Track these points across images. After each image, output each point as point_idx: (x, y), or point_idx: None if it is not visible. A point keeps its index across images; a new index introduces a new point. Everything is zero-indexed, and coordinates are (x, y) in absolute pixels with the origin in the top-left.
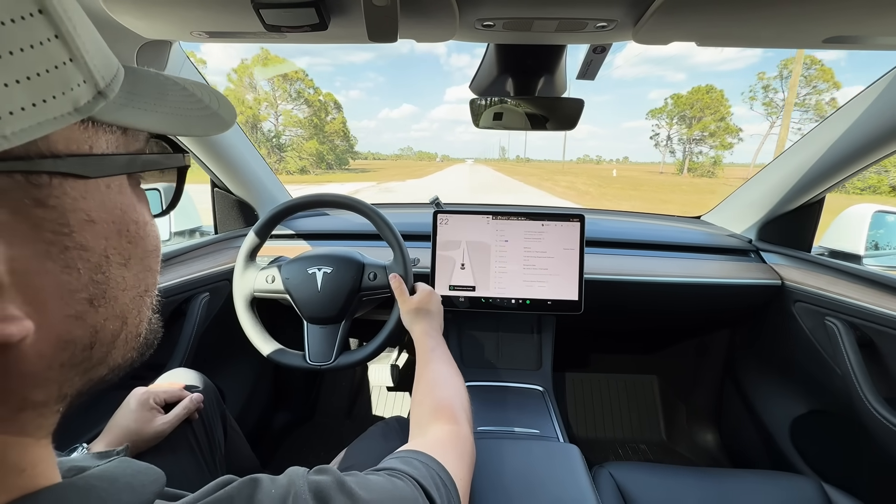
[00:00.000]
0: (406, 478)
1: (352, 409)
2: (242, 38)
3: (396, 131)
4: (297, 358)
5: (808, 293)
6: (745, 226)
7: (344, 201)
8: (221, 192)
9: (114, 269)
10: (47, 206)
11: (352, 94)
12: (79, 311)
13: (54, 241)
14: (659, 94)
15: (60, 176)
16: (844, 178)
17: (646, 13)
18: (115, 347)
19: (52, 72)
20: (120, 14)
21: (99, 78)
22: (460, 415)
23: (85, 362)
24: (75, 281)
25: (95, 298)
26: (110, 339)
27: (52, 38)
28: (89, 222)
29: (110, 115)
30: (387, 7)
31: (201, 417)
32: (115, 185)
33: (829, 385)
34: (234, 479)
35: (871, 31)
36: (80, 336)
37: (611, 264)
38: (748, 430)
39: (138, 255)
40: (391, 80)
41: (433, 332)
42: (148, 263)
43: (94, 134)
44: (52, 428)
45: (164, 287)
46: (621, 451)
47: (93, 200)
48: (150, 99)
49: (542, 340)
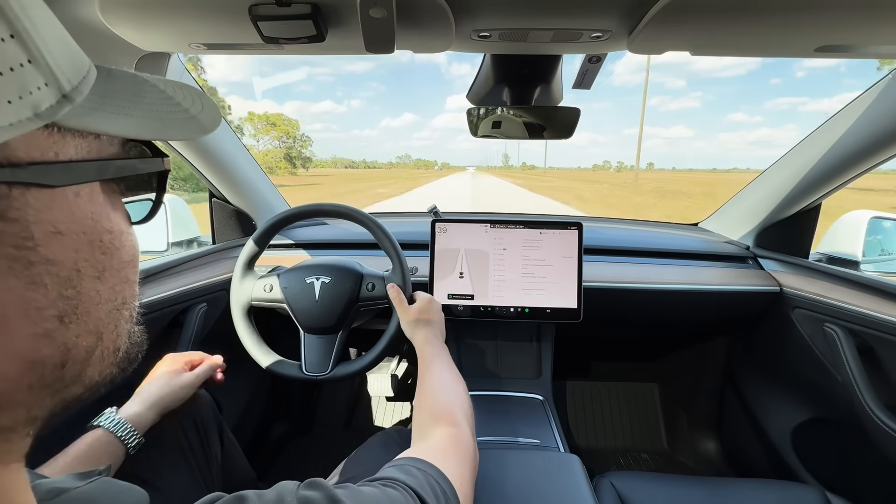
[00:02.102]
0: (402, 487)
1: (350, 420)
2: (240, 50)
3: (398, 140)
4: (294, 368)
5: (807, 299)
6: (742, 232)
7: (342, 211)
8: (219, 202)
9: (86, 283)
10: (7, 218)
11: (353, 104)
12: (47, 329)
13: (17, 256)
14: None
15: (21, 186)
16: (841, 184)
17: (640, 23)
18: (91, 364)
19: (6, 74)
20: (118, 27)
21: (64, 80)
22: (461, 419)
23: (56, 383)
24: (42, 297)
25: (66, 315)
26: (84, 356)
27: (7, 38)
28: (56, 234)
29: (78, 120)
30: (384, 19)
31: (197, 429)
32: (86, 193)
33: (829, 392)
34: (222, 496)
35: (861, 41)
36: (49, 355)
37: (609, 272)
38: (750, 437)
39: (114, 267)
40: (392, 90)
41: (434, 340)
42: (125, 275)
43: (60, 140)
44: (22, 452)
45: (161, 298)
46: (622, 461)
47: (60, 211)
48: (125, 101)
49: (542, 349)
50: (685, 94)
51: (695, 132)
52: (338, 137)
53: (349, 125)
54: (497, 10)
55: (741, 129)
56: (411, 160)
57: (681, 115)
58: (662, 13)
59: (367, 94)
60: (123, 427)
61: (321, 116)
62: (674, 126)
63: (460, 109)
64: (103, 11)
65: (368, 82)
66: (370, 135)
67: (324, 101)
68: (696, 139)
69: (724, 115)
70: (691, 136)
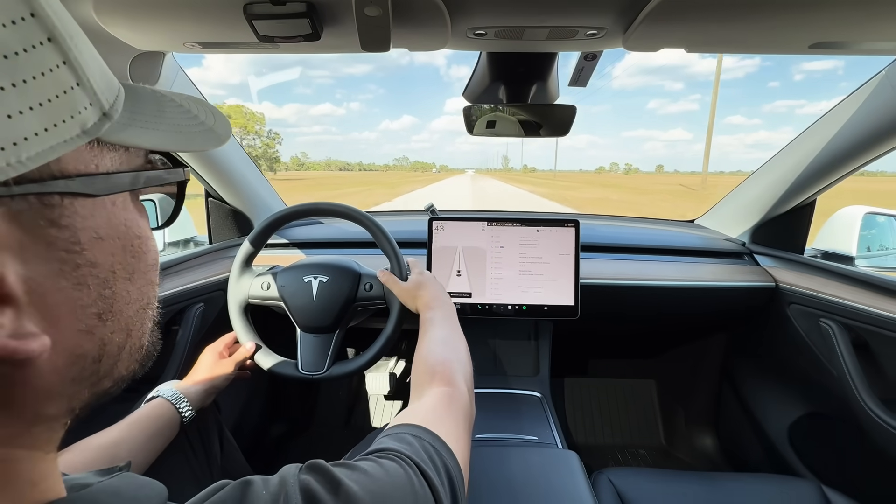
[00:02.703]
0: (398, 457)
1: (349, 419)
2: (235, 49)
3: (397, 142)
4: (290, 367)
5: (803, 295)
6: (738, 229)
7: (340, 210)
8: (216, 202)
9: (119, 284)
10: (60, 225)
11: (353, 106)
12: (89, 326)
13: (67, 259)
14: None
15: (71, 196)
16: (836, 180)
17: (635, 21)
18: (121, 359)
19: (61, 97)
20: (113, 26)
21: (104, 100)
22: (456, 376)
23: (93, 376)
24: (86, 297)
25: (104, 313)
26: (116, 351)
27: (61, 65)
28: (98, 239)
29: (115, 135)
30: (379, 17)
31: (198, 430)
32: (120, 201)
33: (825, 386)
34: (229, 482)
35: (854, 37)
36: (89, 350)
37: (606, 269)
38: (747, 433)
39: (141, 269)
40: (392, 92)
41: (434, 302)
42: (150, 277)
43: (99, 153)
44: (59, 442)
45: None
46: (620, 457)
47: (100, 218)
48: (150, 117)
49: (540, 346)
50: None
51: (693, 135)
52: (337, 140)
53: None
54: (492, 8)
55: (739, 131)
56: (409, 162)
57: (680, 117)
58: (657, 10)
59: (367, 96)
60: (179, 399)
61: (320, 119)
62: (672, 129)
63: (459, 112)
64: (98, 11)
65: (367, 84)
66: (369, 137)
67: (323, 104)
68: (695, 142)
69: (722, 117)
70: (690, 138)
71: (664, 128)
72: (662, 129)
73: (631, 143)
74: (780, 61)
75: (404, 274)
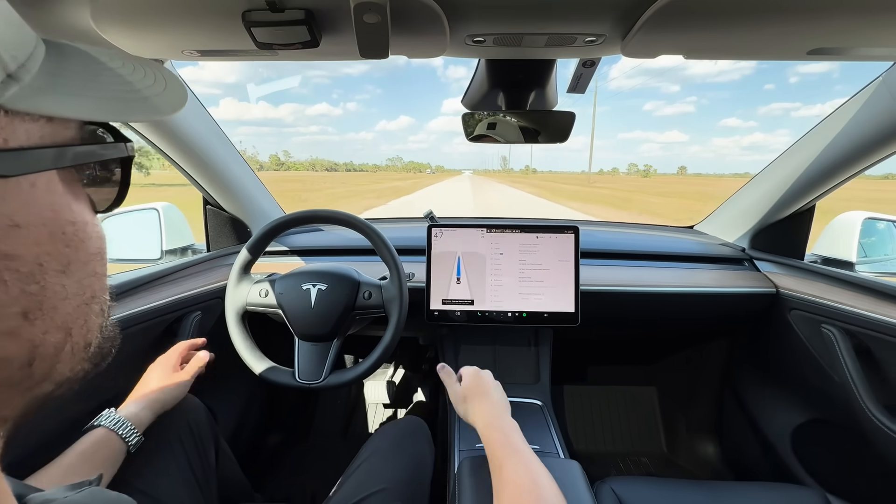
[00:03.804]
0: None
1: (348, 429)
2: (234, 57)
3: (394, 143)
4: (286, 375)
5: (804, 301)
6: (737, 235)
7: (338, 217)
8: (214, 210)
9: (50, 277)
10: None
11: (349, 107)
12: (11, 327)
13: None
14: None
15: None
16: (835, 186)
17: (633, 27)
18: (61, 361)
19: None
20: (110, 34)
21: (8, 58)
22: None
23: (25, 381)
24: (2, 294)
25: (30, 311)
26: (53, 352)
27: None
28: (13, 227)
29: (27, 102)
30: (378, 24)
31: (193, 439)
32: (43, 182)
33: (828, 393)
34: None
35: (852, 43)
36: (15, 353)
37: (606, 275)
38: (749, 440)
39: (80, 260)
40: (389, 92)
41: (497, 422)
42: (92, 268)
43: (8, 124)
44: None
45: (155, 306)
46: (622, 465)
47: (15, 202)
48: (79, 81)
49: (540, 353)
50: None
51: (689, 137)
52: (333, 140)
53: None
54: (491, 15)
55: (735, 133)
56: (403, 162)
57: (676, 119)
58: (656, 17)
59: (364, 96)
60: (123, 425)
61: (317, 119)
62: (668, 131)
63: (456, 112)
64: (95, 19)
65: (364, 85)
66: (366, 138)
67: (319, 104)
68: (691, 144)
69: (718, 119)
70: (685, 140)
71: (661, 129)
72: (659, 132)
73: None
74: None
75: (404, 282)
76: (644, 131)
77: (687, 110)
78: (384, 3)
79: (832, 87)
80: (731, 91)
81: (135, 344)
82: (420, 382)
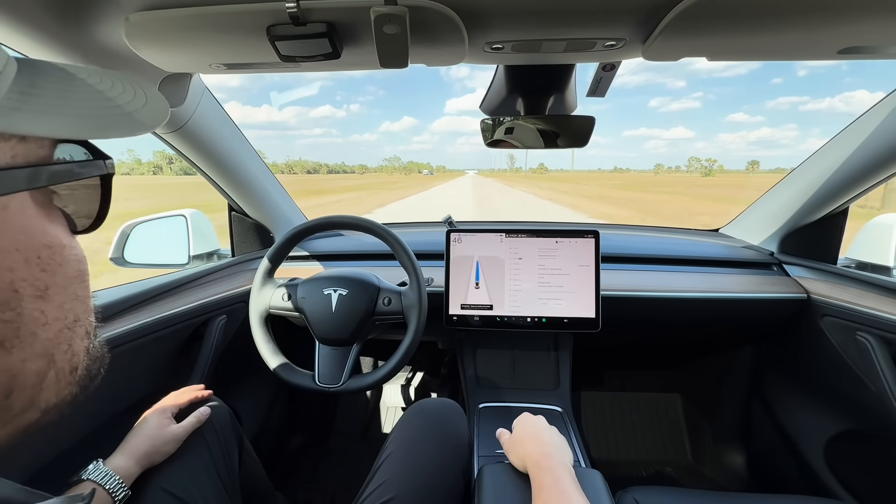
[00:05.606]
0: None
1: (367, 431)
2: (258, 69)
3: (397, 144)
4: (306, 378)
5: (837, 307)
6: (764, 237)
7: (358, 223)
8: (238, 216)
9: (27, 304)
10: None
11: (353, 108)
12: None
13: None
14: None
15: None
16: (870, 187)
17: (654, 31)
18: (45, 388)
19: None
20: (143, 50)
21: None
22: None
23: (3, 413)
24: None
25: (6, 340)
26: (35, 380)
27: None
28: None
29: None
30: (397, 34)
31: (219, 440)
32: (15, 205)
33: (863, 403)
34: None
35: (886, 41)
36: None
37: (628, 280)
38: (779, 451)
39: (58, 284)
40: (392, 93)
41: (544, 460)
42: (72, 291)
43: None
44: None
45: (182, 311)
46: (645, 474)
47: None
48: (53, 98)
49: (560, 359)
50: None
51: (695, 133)
52: (337, 142)
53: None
54: (509, 23)
55: (742, 129)
56: (402, 163)
57: (681, 115)
58: (678, 20)
59: (367, 98)
60: (111, 479)
61: (321, 121)
62: (674, 127)
63: (459, 112)
64: (129, 37)
65: (367, 86)
66: (370, 139)
67: (323, 106)
68: (697, 140)
69: (725, 115)
70: (692, 136)
71: (666, 126)
72: (664, 128)
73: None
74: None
75: (423, 289)
76: (649, 128)
77: (693, 106)
78: (404, 14)
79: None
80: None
81: (165, 346)
82: (438, 387)
